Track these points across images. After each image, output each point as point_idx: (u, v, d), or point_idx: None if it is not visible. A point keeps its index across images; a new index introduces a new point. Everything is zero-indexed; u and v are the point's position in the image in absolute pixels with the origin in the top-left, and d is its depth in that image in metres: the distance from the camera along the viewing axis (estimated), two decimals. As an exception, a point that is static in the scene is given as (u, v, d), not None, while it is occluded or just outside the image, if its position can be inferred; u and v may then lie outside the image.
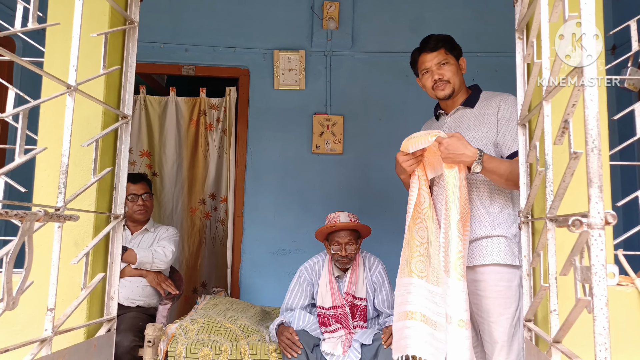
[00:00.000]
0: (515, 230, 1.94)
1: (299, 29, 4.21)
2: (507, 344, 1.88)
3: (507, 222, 1.95)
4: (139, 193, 3.10)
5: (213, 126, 4.15)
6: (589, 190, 0.93)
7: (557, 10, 1.17)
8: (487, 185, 1.98)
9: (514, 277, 1.90)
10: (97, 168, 1.57)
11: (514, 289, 1.89)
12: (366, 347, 2.48)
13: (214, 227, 4.16)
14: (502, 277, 1.90)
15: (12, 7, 3.38)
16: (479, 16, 4.14)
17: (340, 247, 2.66)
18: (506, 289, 1.89)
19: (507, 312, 1.88)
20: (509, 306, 1.89)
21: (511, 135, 1.96)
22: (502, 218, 1.95)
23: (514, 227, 1.95)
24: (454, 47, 2.13)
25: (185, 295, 3.97)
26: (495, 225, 1.94)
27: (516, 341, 1.88)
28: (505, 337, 1.88)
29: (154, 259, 2.94)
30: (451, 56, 2.11)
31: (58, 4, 1.81)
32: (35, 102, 1.27)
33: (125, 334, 2.57)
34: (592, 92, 0.95)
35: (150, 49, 4.08)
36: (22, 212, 1.03)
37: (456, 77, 2.10)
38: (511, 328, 1.88)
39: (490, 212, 1.96)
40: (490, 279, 1.91)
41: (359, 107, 4.17)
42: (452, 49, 2.12)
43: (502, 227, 1.94)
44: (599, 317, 0.89)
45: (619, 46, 3.76)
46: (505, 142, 1.98)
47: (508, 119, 1.98)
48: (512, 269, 1.90)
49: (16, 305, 1.05)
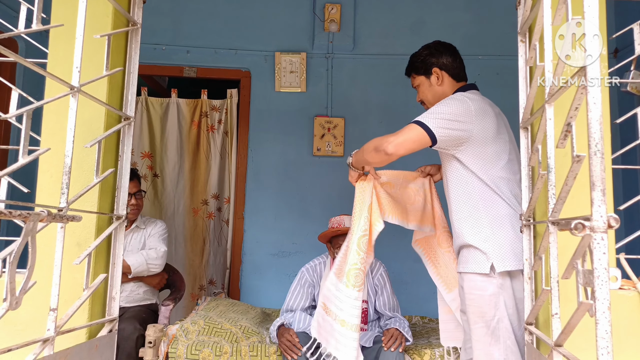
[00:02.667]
0: (485, 235, 1.83)
1: (301, 31, 4.22)
2: (483, 352, 1.81)
3: (472, 230, 1.87)
4: (132, 192, 2.86)
5: (214, 128, 4.16)
6: (592, 194, 0.93)
7: (560, 13, 1.17)
8: (450, 197, 1.97)
9: (488, 285, 1.79)
10: (99, 169, 1.57)
11: (487, 298, 1.79)
12: (367, 350, 2.48)
13: (219, 227, 4.17)
14: (475, 285, 1.83)
15: (14, 8, 3.39)
16: (480, 19, 4.15)
17: None
18: (479, 297, 1.82)
19: (481, 321, 1.81)
20: (482, 315, 1.80)
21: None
22: (468, 226, 1.88)
23: (483, 232, 1.84)
24: (418, 66, 2.12)
25: (191, 293, 3.99)
26: (463, 235, 1.90)
27: (496, 351, 1.77)
28: (481, 345, 1.81)
29: (148, 265, 2.85)
30: (419, 76, 2.12)
31: (61, 6, 1.82)
32: (38, 103, 1.27)
33: (129, 321, 2.59)
34: (595, 95, 0.95)
35: (152, 50, 4.09)
36: (25, 213, 1.03)
37: (428, 94, 2.11)
38: (487, 337, 1.79)
39: (456, 221, 1.94)
40: (466, 287, 1.87)
41: (360, 110, 4.17)
42: (417, 70, 2.13)
43: (468, 235, 1.87)
44: (601, 321, 0.89)
45: (622, 50, 3.76)
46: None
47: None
48: (485, 277, 1.80)
49: (19, 305, 1.05)
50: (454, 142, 1.86)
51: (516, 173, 1.86)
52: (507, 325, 1.76)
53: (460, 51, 2.14)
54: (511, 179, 1.87)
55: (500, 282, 1.78)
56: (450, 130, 1.82)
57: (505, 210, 1.84)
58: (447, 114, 1.83)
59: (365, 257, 2.11)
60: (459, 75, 2.09)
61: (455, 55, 2.10)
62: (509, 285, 1.79)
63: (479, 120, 1.84)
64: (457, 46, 2.12)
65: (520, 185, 1.73)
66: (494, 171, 1.85)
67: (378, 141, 1.89)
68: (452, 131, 1.82)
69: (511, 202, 1.84)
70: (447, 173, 1.98)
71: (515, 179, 1.87)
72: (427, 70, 2.09)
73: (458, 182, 1.92)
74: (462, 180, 1.91)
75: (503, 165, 1.87)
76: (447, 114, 1.82)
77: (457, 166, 1.92)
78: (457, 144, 1.86)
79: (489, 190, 1.85)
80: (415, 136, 1.82)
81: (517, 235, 1.77)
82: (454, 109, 1.84)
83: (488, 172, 1.86)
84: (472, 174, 1.87)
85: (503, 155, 1.88)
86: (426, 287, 2.47)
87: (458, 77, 2.09)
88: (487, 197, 1.85)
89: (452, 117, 1.82)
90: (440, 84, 2.08)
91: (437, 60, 2.07)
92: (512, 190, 1.86)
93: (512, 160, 1.90)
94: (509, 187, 1.86)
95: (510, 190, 1.85)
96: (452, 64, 2.07)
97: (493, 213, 1.84)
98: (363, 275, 2.11)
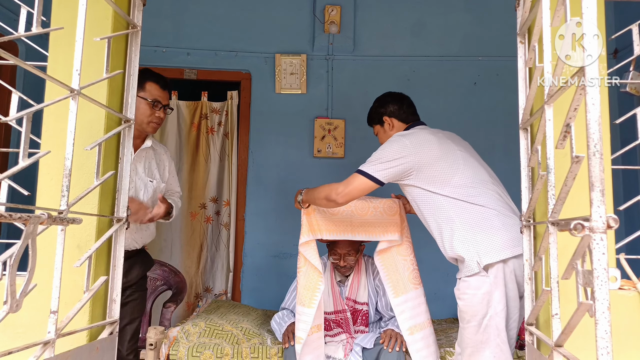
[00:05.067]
0: (464, 239, 1.99)
1: (301, 33, 4.22)
2: (474, 351, 1.94)
3: (453, 240, 2.02)
4: (164, 102, 2.43)
5: (214, 130, 4.15)
6: (591, 194, 0.93)
7: (558, 14, 1.17)
8: (426, 218, 2.16)
9: (481, 284, 1.93)
10: (100, 171, 1.57)
11: (480, 297, 1.93)
12: (367, 351, 2.48)
13: (217, 231, 4.14)
14: (469, 285, 1.97)
15: (14, 11, 3.39)
16: (480, 20, 4.15)
17: (339, 258, 2.66)
18: (472, 297, 1.95)
19: (473, 320, 1.94)
20: (475, 314, 1.94)
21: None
22: (448, 238, 2.04)
23: (462, 238, 2.00)
24: (373, 117, 2.50)
25: (186, 302, 3.95)
26: (446, 249, 2.07)
27: (487, 349, 1.90)
28: (472, 343, 1.94)
29: (177, 209, 2.54)
30: (376, 126, 2.48)
31: (61, 9, 1.82)
32: (38, 106, 1.27)
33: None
34: (594, 95, 0.96)
35: (153, 53, 4.09)
36: (25, 215, 1.04)
37: (385, 138, 2.37)
38: (478, 335, 1.93)
39: (438, 237, 2.11)
40: (461, 287, 2.01)
41: (360, 111, 4.13)
42: (373, 121, 2.50)
43: (451, 247, 2.03)
44: (601, 321, 0.89)
45: (621, 50, 3.76)
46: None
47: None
48: (477, 277, 1.95)
49: (19, 307, 1.05)
50: (400, 175, 2.11)
51: (475, 178, 2.08)
52: (497, 323, 1.89)
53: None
54: (472, 185, 2.06)
55: (492, 280, 1.91)
56: (391, 169, 2.09)
57: (476, 211, 2.01)
58: (384, 156, 2.11)
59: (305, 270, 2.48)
60: (406, 119, 2.38)
61: (401, 102, 2.41)
62: (501, 278, 1.92)
63: (417, 150, 2.09)
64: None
65: (486, 186, 2.04)
66: (450, 186, 2.06)
67: (328, 191, 2.20)
68: (393, 168, 2.09)
69: (479, 202, 2.02)
70: (412, 198, 2.20)
71: (475, 183, 2.06)
72: (380, 120, 2.44)
73: (424, 202, 2.12)
74: (427, 200, 2.11)
75: (459, 178, 2.06)
76: (384, 157, 2.11)
77: (417, 190, 2.14)
78: (405, 175, 2.11)
79: (454, 200, 2.04)
80: (361, 184, 2.12)
81: (495, 230, 1.96)
82: (389, 150, 2.12)
83: (444, 188, 2.06)
84: (432, 193, 2.09)
85: (454, 170, 2.07)
86: (426, 287, 2.47)
87: (406, 120, 2.38)
88: (455, 206, 2.04)
89: (389, 157, 2.10)
90: (392, 129, 2.39)
91: (385, 109, 2.41)
92: (477, 193, 2.04)
93: (469, 168, 2.10)
94: (471, 192, 2.04)
95: (475, 194, 2.04)
96: (398, 110, 2.39)
97: (466, 218, 2.01)
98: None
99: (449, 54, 4.13)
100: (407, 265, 2.46)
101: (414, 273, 2.46)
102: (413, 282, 2.44)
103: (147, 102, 2.35)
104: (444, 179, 2.06)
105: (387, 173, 2.10)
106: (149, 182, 2.44)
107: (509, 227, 1.96)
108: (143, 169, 2.44)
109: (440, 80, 4.16)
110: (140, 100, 2.33)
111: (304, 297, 2.42)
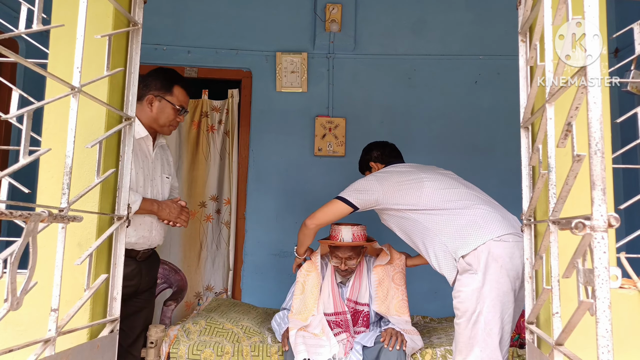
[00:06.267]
0: (446, 243, 2.19)
1: (302, 31, 4.22)
2: (464, 345, 2.06)
3: (432, 251, 2.26)
4: (187, 108, 2.44)
5: (215, 128, 4.14)
6: (592, 193, 0.93)
7: (560, 13, 1.17)
8: (411, 237, 2.39)
9: (471, 281, 2.08)
10: (100, 169, 1.57)
11: (470, 293, 2.06)
12: (368, 350, 2.48)
13: (218, 229, 4.13)
14: (462, 282, 2.12)
15: (14, 9, 3.39)
16: (481, 19, 4.14)
17: (340, 261, 2.65)
18: (462, 293, 2.10)
19: (464, 316, 2.07)
20: (465, 310, 2.07)
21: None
22: (429, 251, 2.27)
23: (443, 243, 2.21)
24: (362, 165, 2.88)
25: (186, 302, 3.94)
26: (431, 261, 2.29)
27: (476, 345, 2.02)
28: (463, 338, 2.07)
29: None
30: (366, 172, 2.79)
31: (62, 6, 1.82)
32: (39, 104, 1.27)
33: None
34: (596, 94, 0.95)
35: (153, 51, 4.09)
36: (26, 213, 1.04)
37: None
38: (467, 330, 2.05)
39: (424, 254, 2.33)
40: (456, 286, 2.17)
41: (361, 110, 4.17)
42: (362, 169, 2.88)
43: (432, 261, 2.26)
44: (601, 320, 0.89)
45: (622, 49, 3.76)
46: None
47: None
48: (468, 274, 2.10)
49: (20, 305, 1.05)
50: (371, 204, 2.44)
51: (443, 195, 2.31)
52: (486, 318, 2.01)
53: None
54: (440, 198, 2.29)
55: (480, 277, 2.05)
56: (363, 197, 2.43)
57: (446, 215, 2.24)
58: (358, 187, 2.47)
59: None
60: (388, 162, 2.72)
61: (384, 148, 2.79)
62: (490, 274, 2.04)
63: (381, 186, 2.41)
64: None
65: (456, 196, 2.29)
66: (419, 207, 2.31)
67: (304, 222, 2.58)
68: (364, 198, 2.43)
69: (447, 206, 2.26)
70: (391, 223, 2.48)
71: (443, 198, 2.29)
72: (367, 166, 2.82)
73: (403, 223, 2.39)
74: (403, 220, 2.38)
75: (426, 197, 2.30)
76: (358, 188, 2.47)
77: (392, 214, 2.42)
78: (374, 204, 2.45)
79: (427, 213, 2.28)
80: (337, 208, 2.47)
81: (465, 225, 2.17)
82: (361, 183, 2.48)
83: (415, 208, 2.32)
84: (405, 212, 2.35)
85: (419, 193, 2.32)
86: (427, 287, 2.48)
87: (387, 163, 2.72)
88: (429, 219, 2.27)
89: (361, 189, 2.46)
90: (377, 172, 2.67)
91: (370, 156, 2.81)
92: (445, 203, 2.28)
93: (435, 190, 2.33)
94: (439, 203, 2.28)
95: (443, 203, 2.27)
96: (380, 155, 2.77)
97: (438, 222, 2.25)
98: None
99: (450, 53, 4.12)
100: (397, 295, 2.68)
101: (401, 303, 2.67)
102: (398, 311, 2.64)
103: (174, 107, 2.32)
104: (410, 205, 2.33)
105: (360, 198, 2.44)
106: (166, 178, 2.44)
107: (478, 218, 2.17)
108: (161, 166, 2.41)
109: (441, 79, 4.16)
110: (167, 104, 2.31)
111: (297, 317, 2.63)
